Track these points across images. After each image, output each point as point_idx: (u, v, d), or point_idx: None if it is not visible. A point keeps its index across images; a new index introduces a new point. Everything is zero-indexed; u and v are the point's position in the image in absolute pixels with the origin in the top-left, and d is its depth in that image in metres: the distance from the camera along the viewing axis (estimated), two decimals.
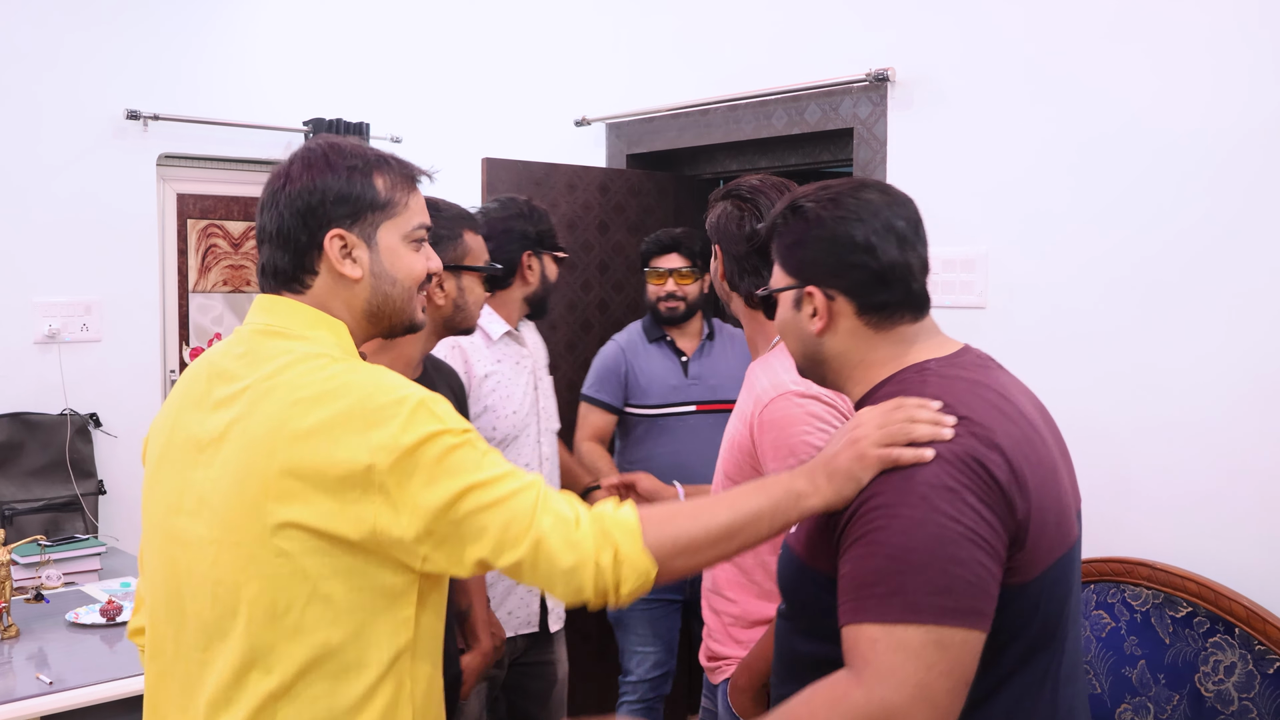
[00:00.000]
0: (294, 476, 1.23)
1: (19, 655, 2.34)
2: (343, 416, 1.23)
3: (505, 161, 3.32)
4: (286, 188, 1.35)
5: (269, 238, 1.37)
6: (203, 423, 1.32)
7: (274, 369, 1.29)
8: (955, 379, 1.31)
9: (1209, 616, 2.24)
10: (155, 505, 1.38)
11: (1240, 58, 2.29)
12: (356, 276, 1.37)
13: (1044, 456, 1.29)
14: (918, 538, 1.16)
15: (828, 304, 1.35)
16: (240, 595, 1.26)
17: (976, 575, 1.16)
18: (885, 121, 2.90)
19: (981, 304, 2.72)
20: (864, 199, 1.35)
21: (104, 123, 3.77)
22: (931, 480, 1.19)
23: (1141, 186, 2.44)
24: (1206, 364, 2.35)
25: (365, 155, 1.39)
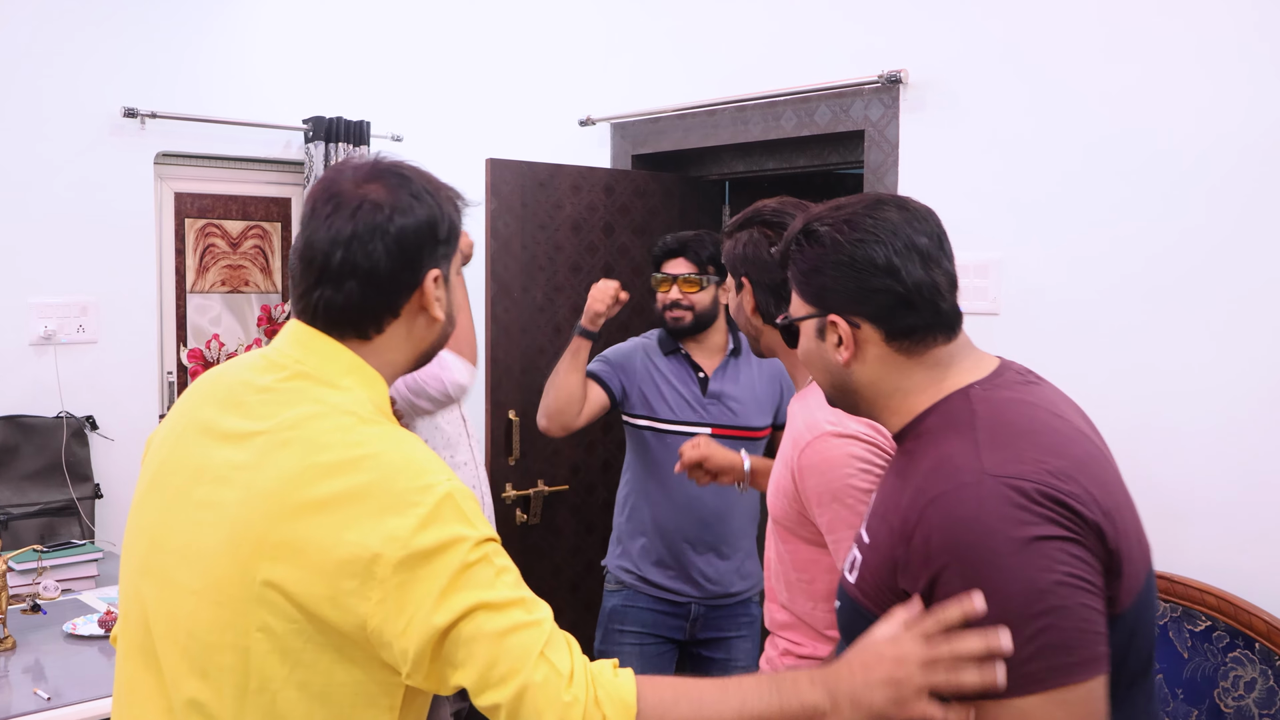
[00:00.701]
0: (292, 548, 1.12)
1: (15, 668, 2.30)
2: (360, 493, 1.12)
3: (509, 162, 3.28)
4: (395, 220, 1.21)
5: (358, 274, 1.21)
6: (208, 454, 1.22)
7: (296, 418, 1.18)
8: (1005, 403, 1.23)
9: (1229, 631, 2.22)
10: (140, 533, 1.26)
11: (1259, 60, 2.26)
12: (441, 318, 1.28)
13: (1111, 473, 1.23)
14: (1013, 601, 1.07)
15: (853, 333, 1.28)
16: (212, 660, 1.15)
17: (1085, 620, 1.08)
18: (897, 124, 2.86)
19: (995, 310, 2.68)
20: (881, 217, 1.27)
21: (101, 120, 3.71)
22: (1011, 533, 1.09)
23: (1157, 190, 2.41)
24: (1224, 372, 2.32)
25: (442, 183, 1.29)
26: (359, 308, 1.23)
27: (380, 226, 1.21)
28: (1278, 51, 2.23)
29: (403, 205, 1.22)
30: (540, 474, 3.36)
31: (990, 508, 1.10)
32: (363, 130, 4.15)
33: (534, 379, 3.33)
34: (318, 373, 1.22)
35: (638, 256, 3.52)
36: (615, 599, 2.88)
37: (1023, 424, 1.20)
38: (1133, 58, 2.44)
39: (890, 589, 1.19)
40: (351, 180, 1.24)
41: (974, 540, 1.10)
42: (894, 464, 1.31)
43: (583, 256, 3.42)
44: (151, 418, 3.88)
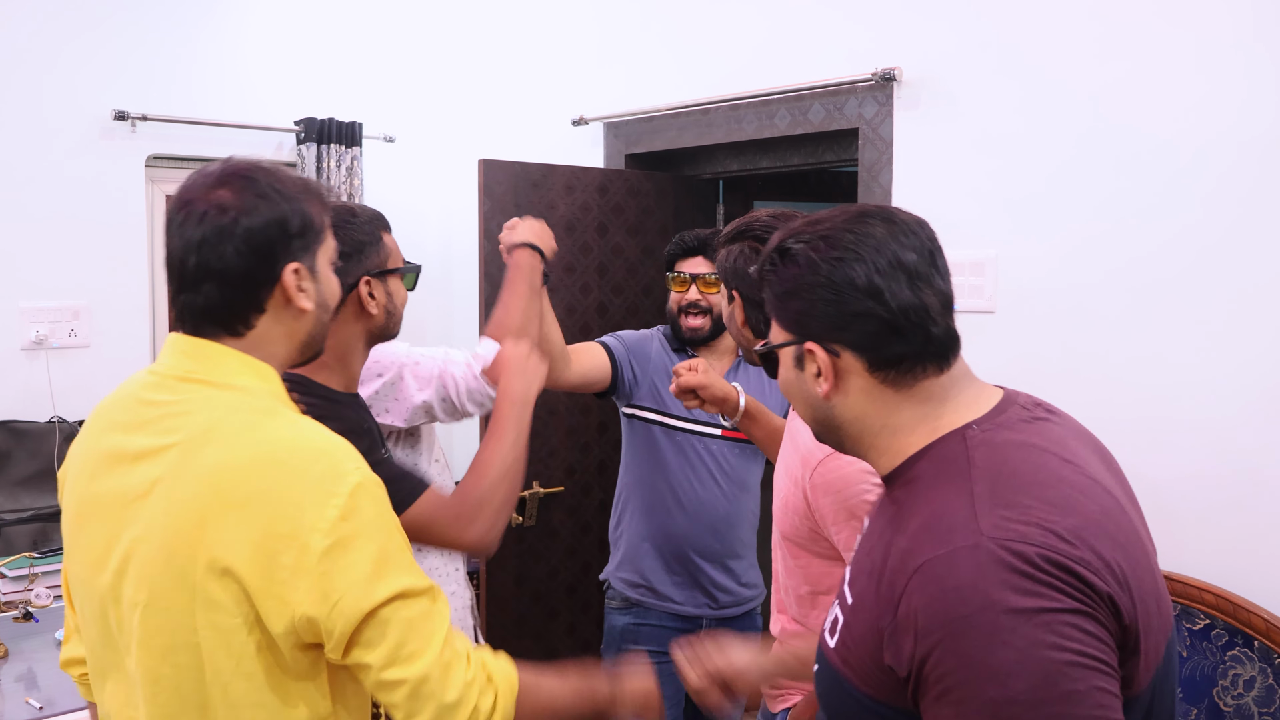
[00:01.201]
0: (223, 547, 1.18)
1: (7, 677, 2.28)
2: (278, 487, 1.19)
3: (502, 163, 3.26)
4: (240, 221, 1.26)
5: (213, 276, 1.26)
6: (125, 476, 1.26)
7: (204, 424, 1.23)
8: (1007, 448, 1.09)
9: (1228, 629, 2.21)
10: (79, 560, 1.32)
11: (1254, 58, 2.25)
12: (309, 309, 1.33)
13: (1128, 528, 1.08)
14: (1016, 685, 0.93)
15: (832, 362, 1.15)
16: (168, 661, 1.22)
17: (1097, 705, 0.94)
18: (891, 122, 2.85)
19: (990, 308, 2.67)
20: (864, 232, 1.14)
21: (91, 123, 3.69)
22: (1007, 602, 0.94)
23: (1151, 186, 2.40)
24: (1222, 371, 2.31)
25: (295, 179, 1.34)
26: (228, 307, 1.28)
27: (227, 228, 1.26)
28: (1272, 49, 2.22)
29: (249, 205, 1.27)
30: (535, 475, 3.35)
31: (989, 574, 0.96)
32: (355, 131, 4.12)
33: None
34: (210, 377, 1.27)
35: (632, 256, 3.51)
36: (624, 618, 2.72)
37: (1026, 474, 1.06)
38: (1126, 55, 2.43)
39: (875, 664, 1.06)
40: (201, 187, 1.29)
41: (969, 614, 0.95)
42: (881, 511, 1.18)
43: (576, 257, 3.41)
44: None
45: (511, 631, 3.29)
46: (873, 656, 1.05)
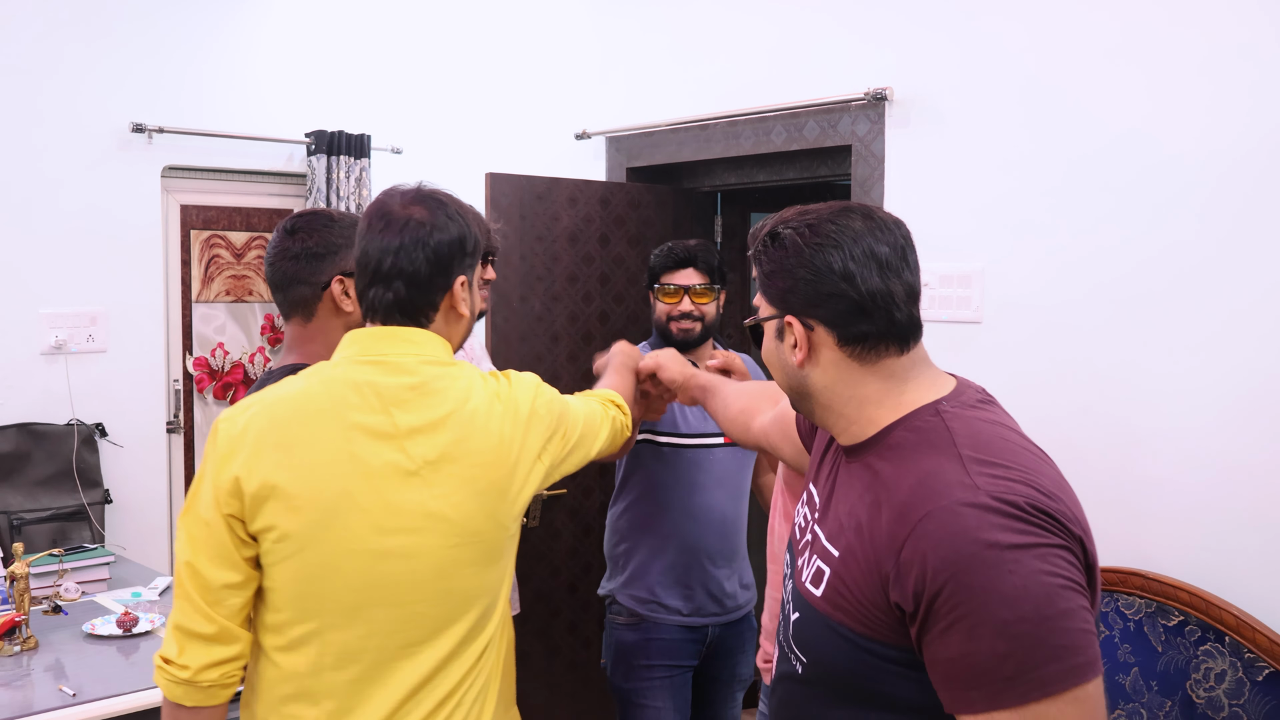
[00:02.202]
0: (533, 454, 1.63)
1: (38, 667, 2.38)
2: (534, 410, 1.65)
3: (508, 176, 3.37)
4: (434, 236, 1.55)
5: (404, 277, 1.55)
6: (402, 449, 1.52)
7: (461, 396, 1.56)
8: (976, 422, 1.24)
9: (1200, 625, 2.30)
10: (353, 534, 1.51)
11: (1234, 79, 2.34)
12: (466, 315, 1.63)
13: (1076, 497, 1.23)
14: (1023, 606, 1.07)
15: (806, 334, 1.30)
16: (466, 594, 1.58)
17: (1085, 621, 1.10)
18: (883, 139, 2.96)
19: (977, 319, 2.78)
20: (844, 224, 1.29)
21: (110, 136, 3.80)
22: (1007, 540, 1.09)
23: (1136, 203, 2.50)
24: (1198, 378, 2.41)
25: (466, 206, 1.64)
26: (414, 303, 1.57)
27: (423, 240, 1.55)
28: (1259, 68, 2.32)
29: (442, 224, 1.57)
30: None
31: (988, 520, 1.10)
32: (363, 143, 4.23)
33: None
34: (439, 359, 1.58)
35: (633, 266, 3.61)
36: (632, 634, 2.72)
37: (998, 443, 1.21)
38: (1114, 76, 2.53)
39: (877, 604, 1.18)
40: (399, 203, 1.58)
41: (975, 551, 1.10)
42: (852, 475, 1.31)
43: (579, 267, 3.52)
44: (159, 424, 3.97)
45: (515, 629, 3.37)
46: (872, 600, 1.19)
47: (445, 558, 1.53)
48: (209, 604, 1.50)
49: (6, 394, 3.62)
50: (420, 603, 1.53)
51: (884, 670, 1.19)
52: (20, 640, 2.46)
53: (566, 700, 3.56)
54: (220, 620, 1.50)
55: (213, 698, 1.52)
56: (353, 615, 1.51)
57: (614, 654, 2.76)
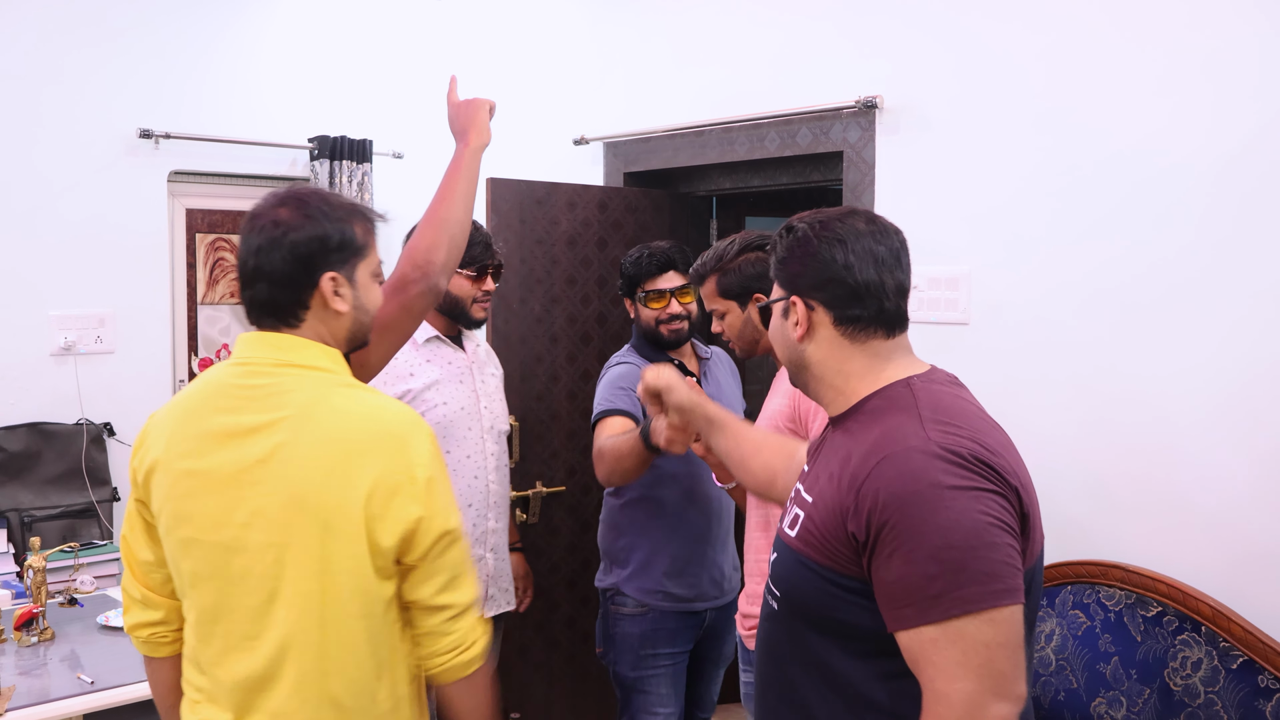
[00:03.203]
0: (350, 488, 1.51)
1: (54, 657, 2.45)
2: (385, 439, 1.54)
3: (508, 181, 3.43)
4: (289, 235, 1.55)
5: (265, 277, 1.56)
6: (239, 449, 1.53)
7: (308, 399, 1.53)
8: (940, 393, 1.45)
9: (1178, 616, 2.35)
10: (194, 524, 1.56)
11: (1224, 89, 2.39)
12: (344, 311, 1.60)
13: (1022, 462, 1.43)
14: (954, 535, 1.27)
15: (808, 313, 1.51)
16: (301, 586, 1.52)
17: (1009, 556, 1.29)
18: (874, 146, 3.03)
19: (965, 320, 2.85)
20: (850, 225, 1.51)
21: (117, 141, 3.86)
22: (948, 481, 1.29)
23: (1118, 210, 2.55)
24: (1176, 379, 2.47)
25: (345, 204, 1.63)
26: (278, 304, 1.57)
27: (279, 239, 1.56)
28: (1242, 70, 2.36)
29: (299, 223, 1.56)
30: (539, 476, 3.52)
31: (934, 464, 1.30)
32: (365, 148, 4.29)
33: (532, 385, 3.49)
34: (299, 361, 1.57)
35: None
36: (640, 624, 2.79)
37: (956, 409, 1.42)
38: (1099, 85, 2.59)
39: (838, 537, 1.38)
40: (269, 205, 1.59)
41: (919, 489, 1.30)
42: (831, 443, 1.50)
43: (578, 270, 3.58)
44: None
45: (515, 623, 3.44)
46: (834, 532, 1.38)
47: (270, 555, 1.53)
48: (136, 575, 1.68)
49: (17, 394, 3.68)
50: (249, 594, 1.55)
51: (842, 600, 1.38)
52: (38, 631, 2.53)
53: (566, 694, 3.61)
54: (142, 589, 1.68)
55: (153, 651, 1.71)
56: (200, 599, 1.58)
57: (619, 644, 2.83)
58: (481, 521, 2.71)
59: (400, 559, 1.55)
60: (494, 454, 2.75)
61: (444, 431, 2.64)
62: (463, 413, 2.69)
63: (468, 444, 2.69)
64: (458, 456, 2.68)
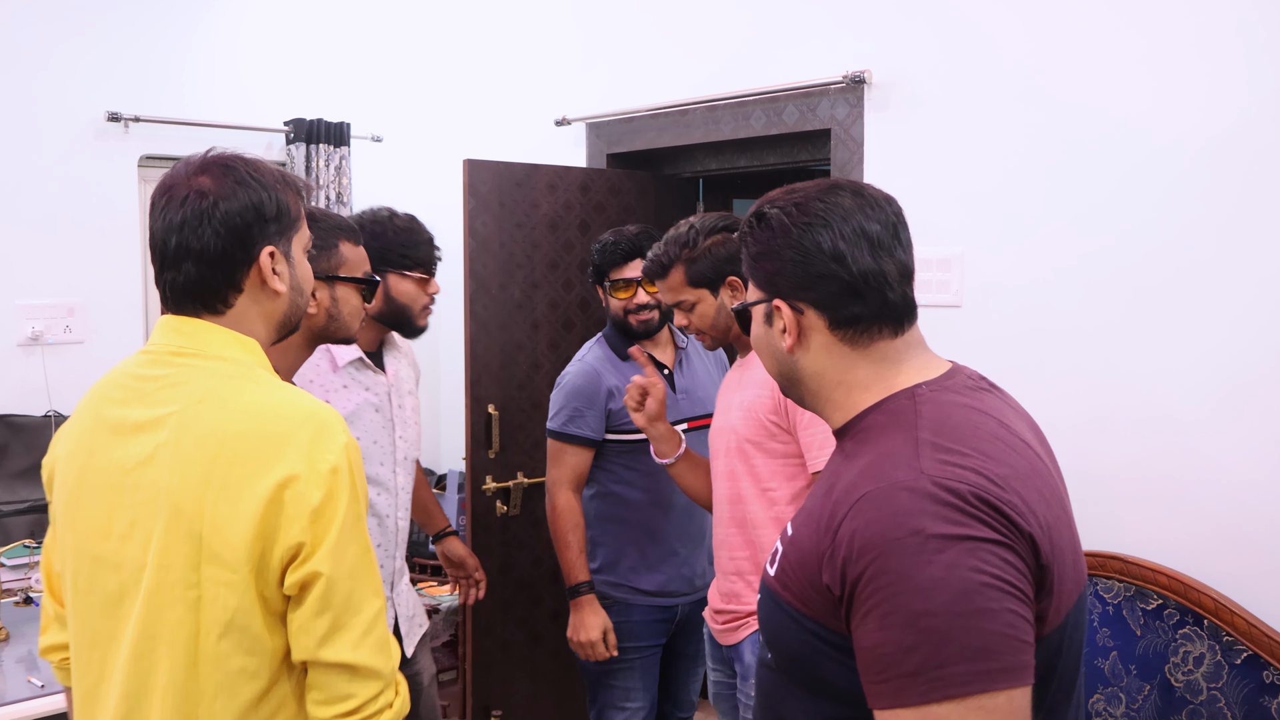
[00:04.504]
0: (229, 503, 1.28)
1: (9, 658, 2.36)
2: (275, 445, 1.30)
3: (486, 163, 3.35)
4: (221, 206, 1.35)
5: (193, 255, 1.35)
6: (125, 447, 1.34)
7: (199, 393, 1.33)
8: (951, 406, 1.18)
9: (1179, 609, 2.30)
10: (79, 531, 1.38)
11: (1222, 66, 2.33)
12: (282, 290, 1.42)
13: (1053, 490, 1.17)
14: (937, 598, 1.01)
15: (796, 319, 1.24)
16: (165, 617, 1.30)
17: (1009, 625, 1.02)
18: (862, 123, 2.94)
19: (957, 303, 2.77)
20: (833, 202, 1.23)
21: (85, 125, 3.77)
22: (935, 529, 1.03)
23: (1115, 189, 2.49)
24: (1176, 365, 2.40)
25: (273, 170, 1.44)
26: (207, 285, 1.37)
27: (207, 211, 1.35)
28: (1238, 48, 2.30)
29: (227, 192, 1.36)
30: (520, 466, 3.44)
31: (922, 505, 1.04)
32: (343, 131, 4.20)
33: (513, 373, 3.41)
34: (200, 350, 1.37)
35: None
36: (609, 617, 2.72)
37: (966, 429, 1.14)
38: (1096, 60, 2.52)
39: (812, 585, 1.13)
40: (183, 174, 1.39)
41: (900, 537, 1.04)
42: (830, 462, 1.27)
43: (559, 254, 3.50)
44: None
45: (497, 617, 3.37)
46: (810, 579, 1.13)
47: (144, 577, 1.31)
48: (51, 589, 1.53)
49: None
50: (121, 620, 1.33)
51: (823, 654, 1.14)
52: None
53: (550, 690, 3.54)
54: (56, 606, 1.53)
55: (68, 679, 1.53)
56: (76, 620, 1.39)
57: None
58: (389, 561, 2.45)
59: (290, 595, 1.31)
60: (404, 488, 2.48)
61: None
62: (375, 447, 2.39)
63: (380, 481, 2.42)
64: (370, 495, 2.38)
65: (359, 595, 1.31)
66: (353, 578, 1.30)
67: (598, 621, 2.67)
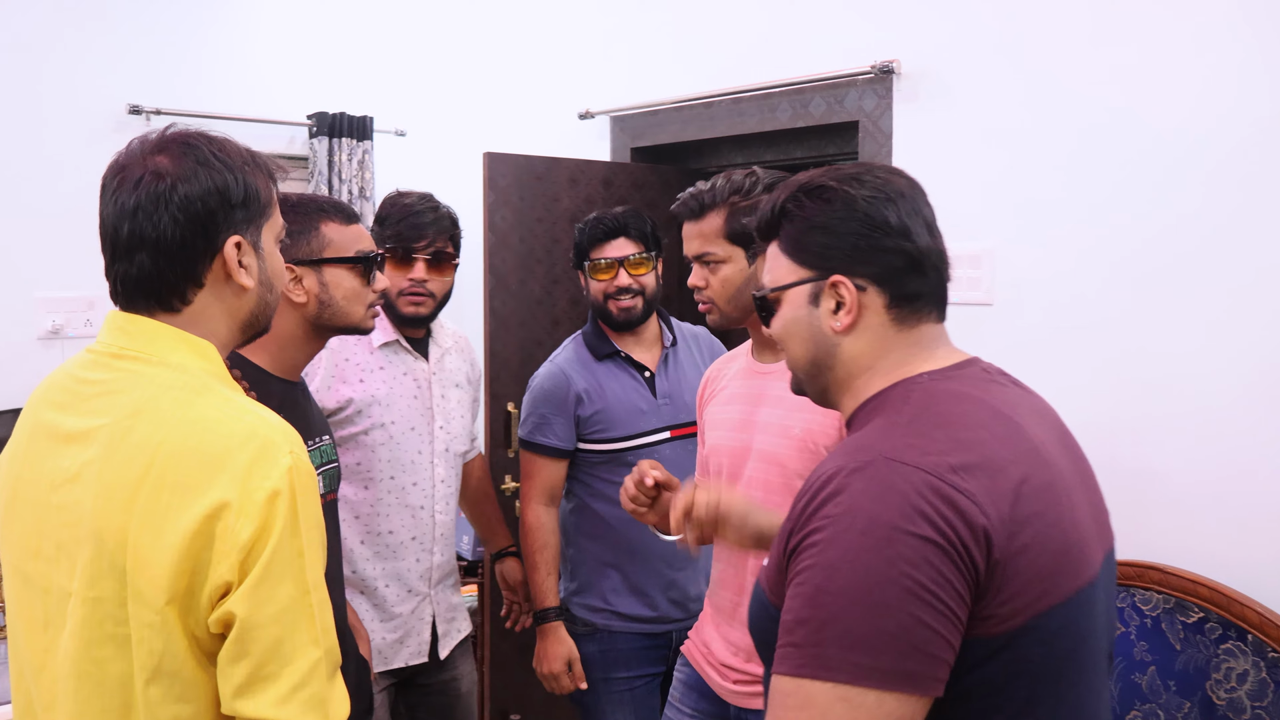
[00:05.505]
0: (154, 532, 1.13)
1: None
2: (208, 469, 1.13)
3: (505, 155, 3.29)
4: (180, 189, 1.19)
5: (147, 245, 1.20)
6: (55, 458, 1.21)
7: (134, 405, 1.18)
8: (944, 394, 1.16)
9: (1221, 622, 2.20)
10: (14, 546, 1.26)
11: (1248, 50, 2.24)
12: (250, 285, 1.26)
13: (1049, 484, 1.12)
14: (838, 580, 1.00)
15: (857, 295, 1.19)
16: (90, 654, 1.15)
17: (906, 629, 0.99)
18: (891, 114, 2.85)
19: (988, 300, 2.67)
20: (890, 181, 1.22)
21: (106, 117, 3.75)
22: (876, 515, 1.01)
23: (1150, 178, 2.39)
24: (1217, 362, 2.31)
25: (240, 150, 1.28)
26: (163, 279, 1.21)
27: (164, 195, 1.19)
28: (1270, 37, 2.21)
29: (188, 173, 1.20)
30: None
31: (869, 489, 1.03)
32: (366, 125, 4.16)
33: (532, 371, 3.34)
34: (145, 354, 1.21)
35: None
36: (591, 645, 2.51)
37: (950, 415, 1.12)
38: (1125, 45, 2.43)
39: (780, 569, 1.11)
40: (138, 153, 1.23)
41: (836, 515, 1.03)
42: None
43: None
44: None
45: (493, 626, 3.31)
46: (779, 562, 1.11)
47: (69, 607, 1.17)
48: None
49: (3, 380, 3.57)
50: (45, 650, 1.19)
51: None
52: None
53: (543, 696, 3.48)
54: None
55: None
56: (10, 645, 1.27)
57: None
58: (426, 557, 2.39)
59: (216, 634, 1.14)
60: (444, 480, 2.42)
61: (388, 454, 2.32)
62: (412, 433, 2.34)
63: (415, 470, 2.36)
64: (402, 483, 2.36)
65: (290, 644, 1.12)
66: (281, 623, 1.12)
67: (561, 651, 2.47)
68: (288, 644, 1.12)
